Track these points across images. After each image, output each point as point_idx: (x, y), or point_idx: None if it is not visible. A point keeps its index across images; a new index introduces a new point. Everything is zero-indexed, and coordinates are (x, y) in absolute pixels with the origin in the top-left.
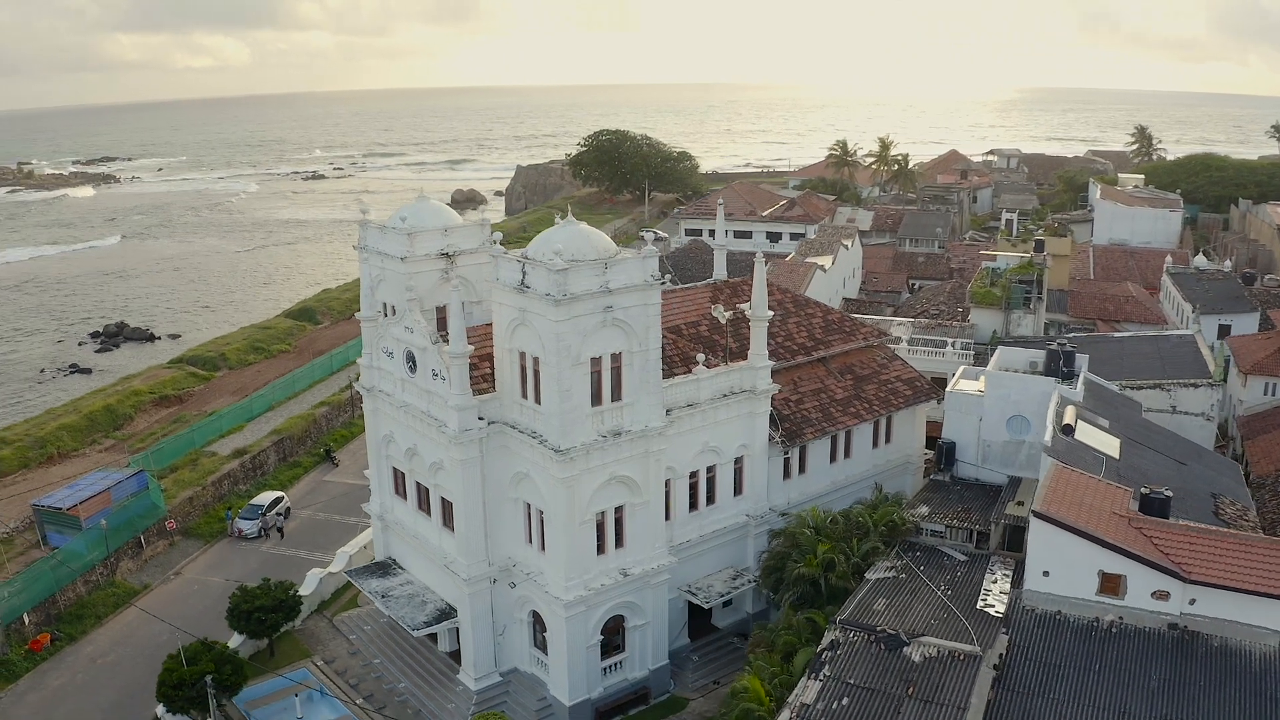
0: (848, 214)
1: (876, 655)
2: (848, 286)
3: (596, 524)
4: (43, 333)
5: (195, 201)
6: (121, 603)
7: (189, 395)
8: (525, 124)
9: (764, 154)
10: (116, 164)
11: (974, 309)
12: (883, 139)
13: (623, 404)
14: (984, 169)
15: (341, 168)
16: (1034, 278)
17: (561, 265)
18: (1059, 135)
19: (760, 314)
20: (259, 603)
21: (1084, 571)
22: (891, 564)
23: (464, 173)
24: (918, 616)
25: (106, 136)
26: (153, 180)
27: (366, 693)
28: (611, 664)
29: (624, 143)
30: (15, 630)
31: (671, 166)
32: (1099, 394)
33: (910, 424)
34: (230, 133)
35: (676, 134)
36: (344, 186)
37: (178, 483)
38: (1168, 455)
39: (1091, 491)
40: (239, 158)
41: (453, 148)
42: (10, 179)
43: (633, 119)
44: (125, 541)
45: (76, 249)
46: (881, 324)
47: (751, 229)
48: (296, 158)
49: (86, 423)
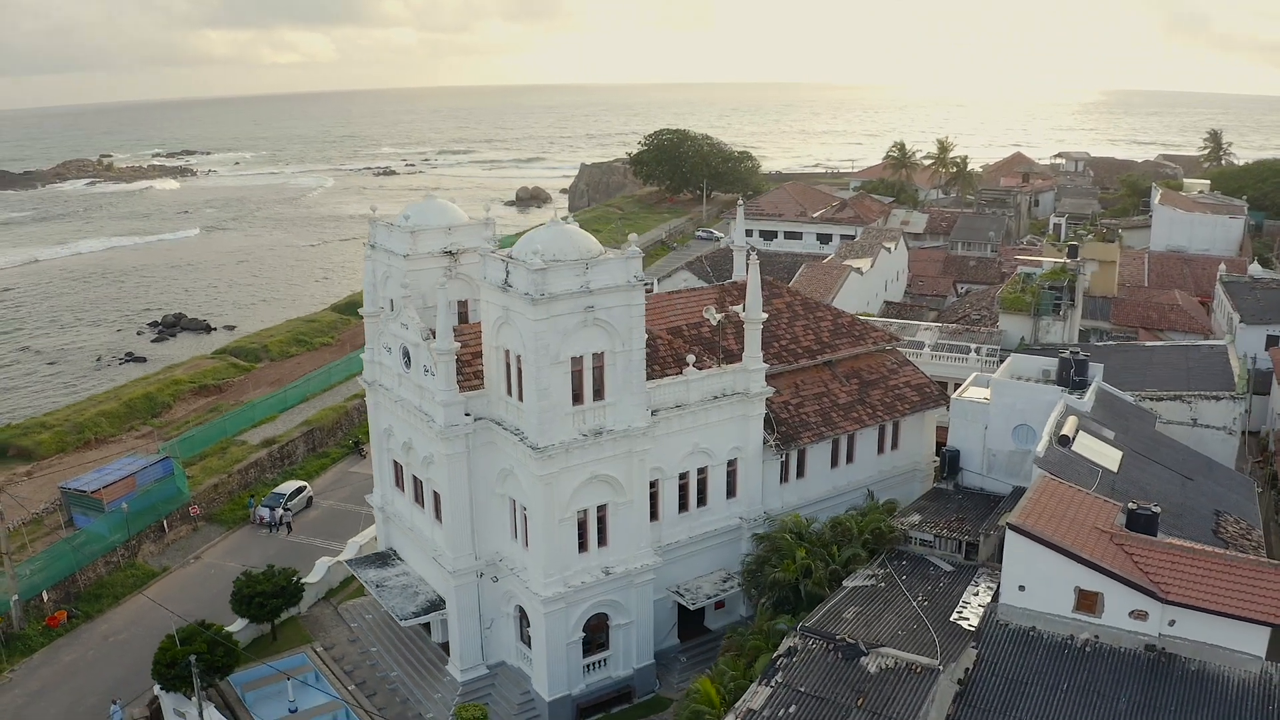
0: (902, 216)
1: (832, 664)
2: (890, 290)
3: (578, 522)
4: (106, 322)
5: (271, 196)
6: (140, 584)
7: (228, 385)
8: (601, 122)
9: (837, 154)
10: (195, 158)
11: (1002, 315)
12: (942, 140)
13: (605, 404)
14: (1049, 172)
15: (414, 164)
16: (1064, 284)
17: (539, 265)
18: (1139, 139)
19: (754, 316)
20: (260, 588)
21: (1060, 587)
22: (873, 572)
23: (534, 170)
24: (885, 627)
25: (188, 130)
26: (229, 174)
27: (360, 679)
28: (594, 661)
29: (684, 142)
30: (34, 607)
31: (732, 166)
32: (1110, 404)
33: (919, 431)
34: (308, 128)
35: (749, 134)
36: (414, 183)
37: (205, 470)
38: (1174, 470)
39: (1077, 505)
40: (314, 153)
41: (525, 145)
42: (90, 171)
43: (708, 118)
44: (148, 525)
45: (150, 240)
46: (909, 329)
47: (802, 230)
48: (370, 153)
49: (125, 410)
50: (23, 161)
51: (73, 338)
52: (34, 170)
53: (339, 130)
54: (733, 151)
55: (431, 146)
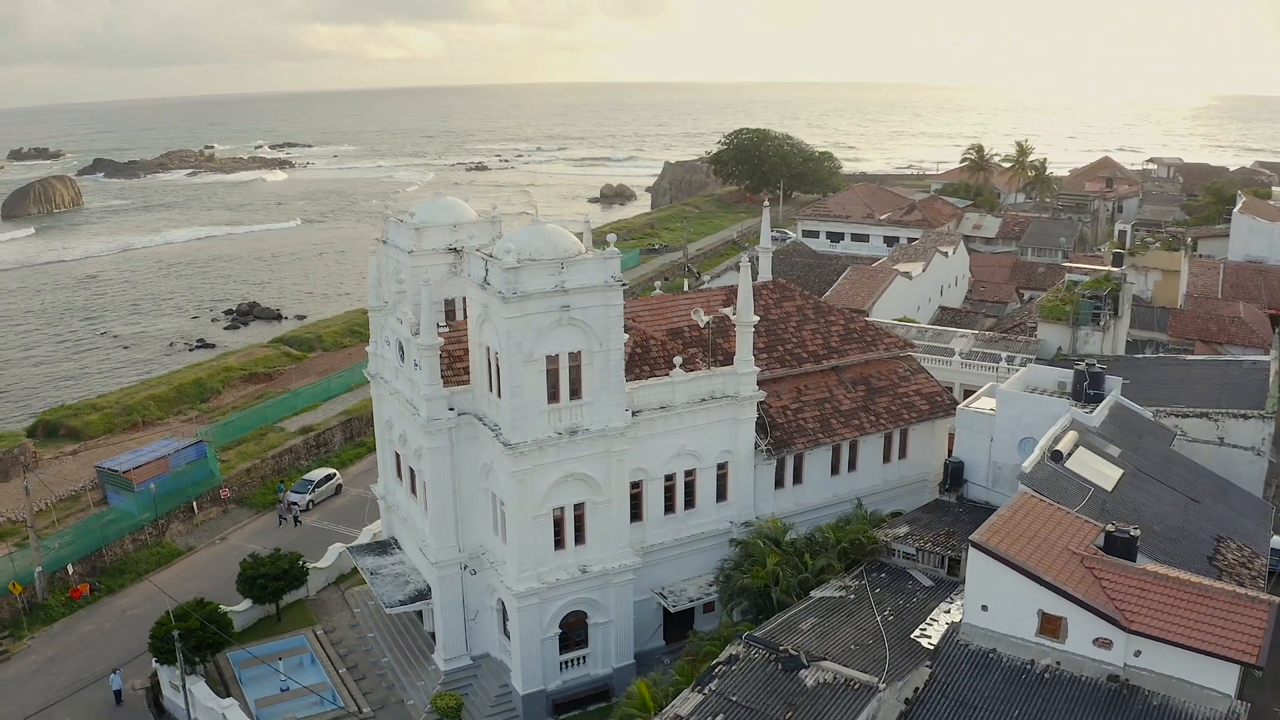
0: (974, 220)
1: (770, 675)
2: (947, 295)
3: (555, 519)
4: (184, 309)
5: (369, 189)
6: (164, 562)
7: (278, 374)
8: (698, 120)
9: (932, 156)
10: (296, 150)
11: (1041, 323)
12: (1020, 143)
13: (582, 403)
14: (1136, 178)
15: (507, 160)
16: (1105, 293)
17: (512, 263)
18: (1249, 145)
19: (745, 319)
20: (264, 570)
21: (1024, 609)
22: (846, 584)
23: (624, 168)
24: (839, 640)
25: (293, 123)
26: (327, 167)
27: (352, 663)
28: (572, 658)
29: (764, 141)
30: (59, 579)
31: (813, 166)
32: (1124, 420)
33: (929, 440)
34: (408, 123)
35: (846, 133)
36: (502, 178)
37: (240, 454)
38: (1180, 491)
39: (1053, 524)
40: (411, 147)
41: (619, 142)
42: (192, 161)
43: (810, 117)
44: (177, 506)
45: (246, 231)
46: (944, 335)
47: (869, 232)
48: (465, 148)
49: (175, 394)
50: (129, 151)
51: (150, 323)
52: (138, 160)
53: (439, 125)
54: (813, 151)
55: (527, 142)
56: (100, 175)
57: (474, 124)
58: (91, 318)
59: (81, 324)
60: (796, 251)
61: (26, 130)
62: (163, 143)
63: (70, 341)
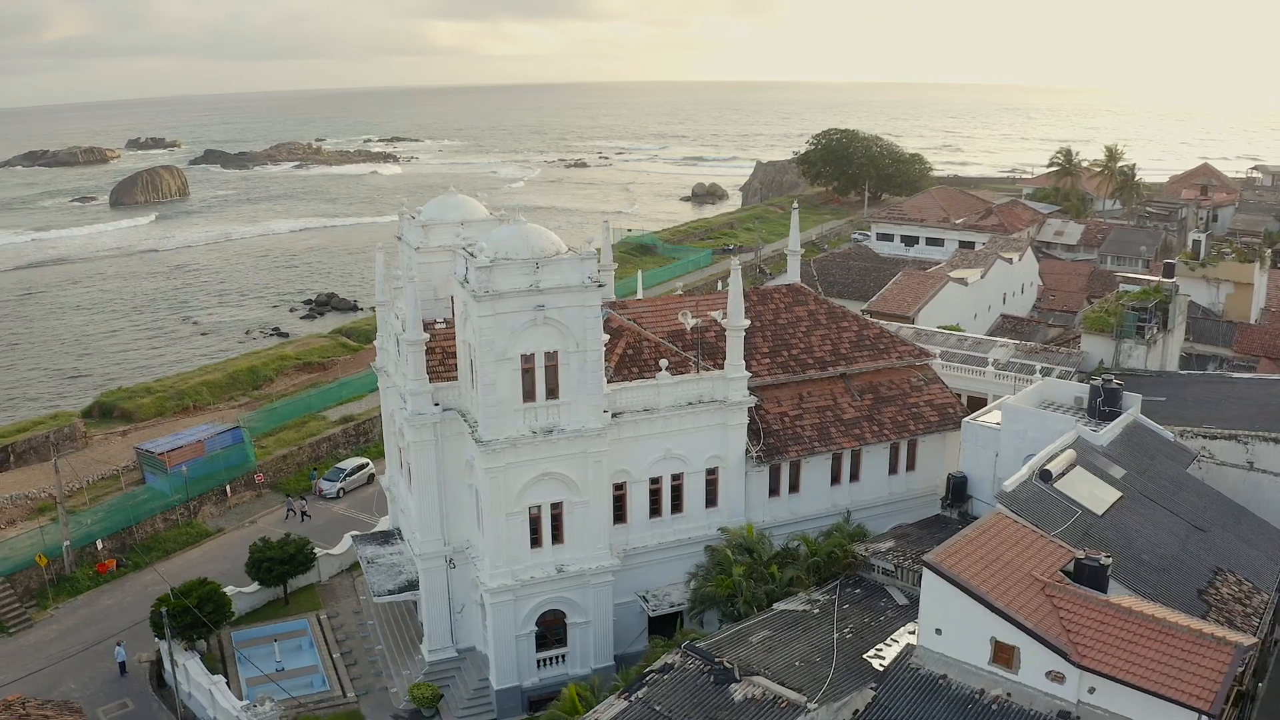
0: (1056, 226)
1: (700, 687)
2: (1013, 302)
3: (532, 518)
4: (267, 298)
5: (474, 185)
6: (193, 542)
7: (332, 363)
8: (806, 120)
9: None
10: (404, 145)
11: (1085, 335)
12: (1110, 147)
13: (559, 403)
14: (1235, 185)
15: (607, 157)
16: (1152, 305)
17: (484, 262)
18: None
19: (735, 323)
20: (271, 555)
21: (977, 636)
22: (814, 597)
23: (720, 168)
24: (785, 655)
25: (403, 118)
26: (430, 161)
27: (347, 649)
28: (550, 657)
29: (853, 142)
30: (89, 553)
31: (902, 168)
32: (1138, 440)
33: (939, 453)
34: (516, 118)
35: (948, 135)
36: (598, 176)
37: (279, 441)
38: (1184, 518)
39: (1021, 548)
40: (515, 143)
41: (721, 141)
42: (300, 154)
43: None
44: (210, 489)
45: (337, 224)
46: (983, 345)
47: (944, 236)
48: (566, 145)
49: (229, 380)
50: (240, 143)
51: (232, 312)
52: (247, 152)
53: (547, 121)
54: (903, 153)
55: (630, 140)
56: (210, 166)
57: (581, 121)
58: (178, 305)
59: (168, 311)
60: (856, 255)
61: (151, 120)
62: (274, 135)
63: (153, 328)
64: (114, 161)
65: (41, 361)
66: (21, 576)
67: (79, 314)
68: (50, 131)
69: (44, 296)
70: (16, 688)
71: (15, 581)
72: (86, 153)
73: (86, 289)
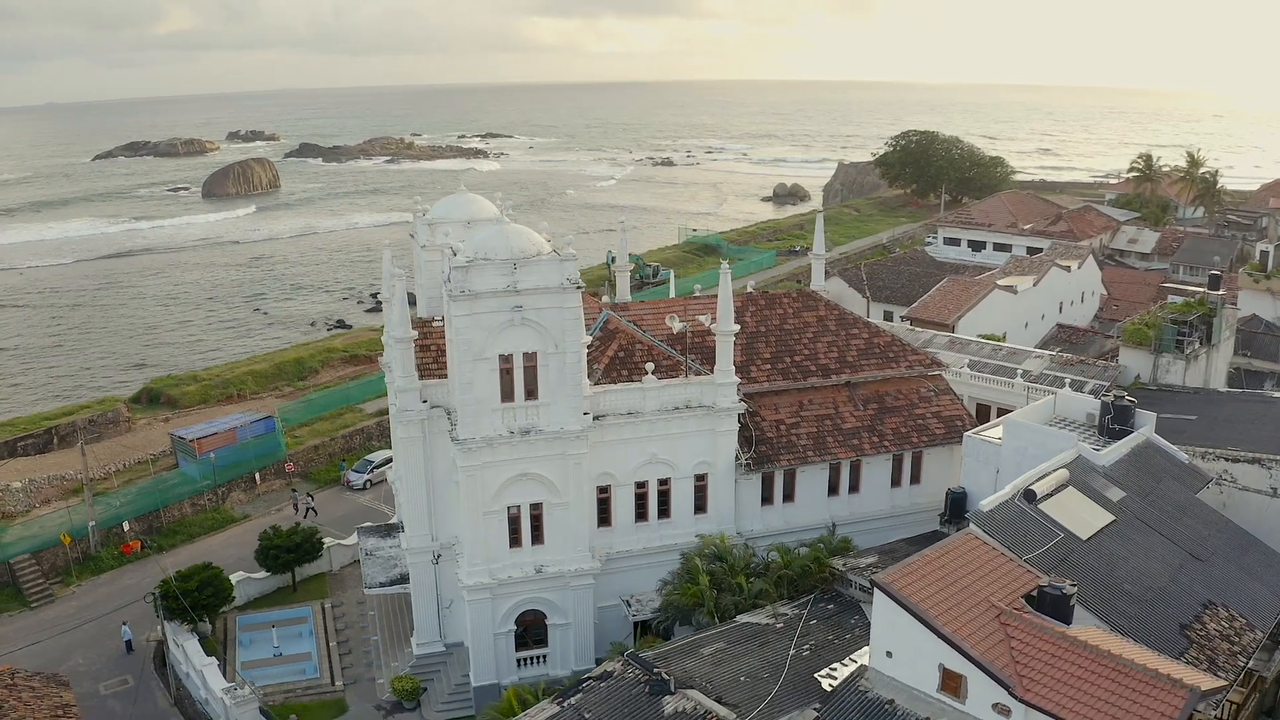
0: (1130, 234)
1: (633, 697)
2: (1070, 311)
3: (511, 517)
4: (338, 290)
5: (563, 182)
6: (218, 527)
7: (378, 356)
8: (902, 120)
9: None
10: (496, 141)
11: (1123, 348)
12: (1192, 153)
13: (538, 403)
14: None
15: (694, 156)
16: (1194, 318)
17: (461, 262)
18: None
19: (724, 328)
20: (278, 543)
21: (926, 661)
22: (782, 611)
23: (807, 168)
24: (731, 670)
25: (499, 114)
26: (521, 158)
27: (344, 638)
28: (531, 657)
29: (932, 144)
30: (115, 534)
31: (982, 172)
32: (1146, 460)
33: (947, 467)
34: (612, 116)
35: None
36: (682, 175)
37: (314, 432)
38: (1181, 546)
39: (985, 571)
40: (605, 141)
41: (813, 140)
42: (393, 149)
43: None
44: (239, 476)
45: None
46: (1017, 355)
47: (1011, 242)
48: (654, 144)
49: (274, 371)
50: (336, 137)
51: (301, 304)
52: (341, 145)
53: (643, 119)
54: (984, 156)
55: (721, 139)
56: (303, 159)
57: (676, 119)
58: (252, 296)
59: (241, 302)
60: (909, 259)
61: (254, 113)
62: (370, 129)
63: (224, 318)
64: (212, 153)
65: (112, 348)
66: (48, 554)
67: (155, 303)
68: (155, 123)
69: (124, 285)
70: (26, 655)
71: (42, 558)
72: (186, 144)
73: (166, 279)
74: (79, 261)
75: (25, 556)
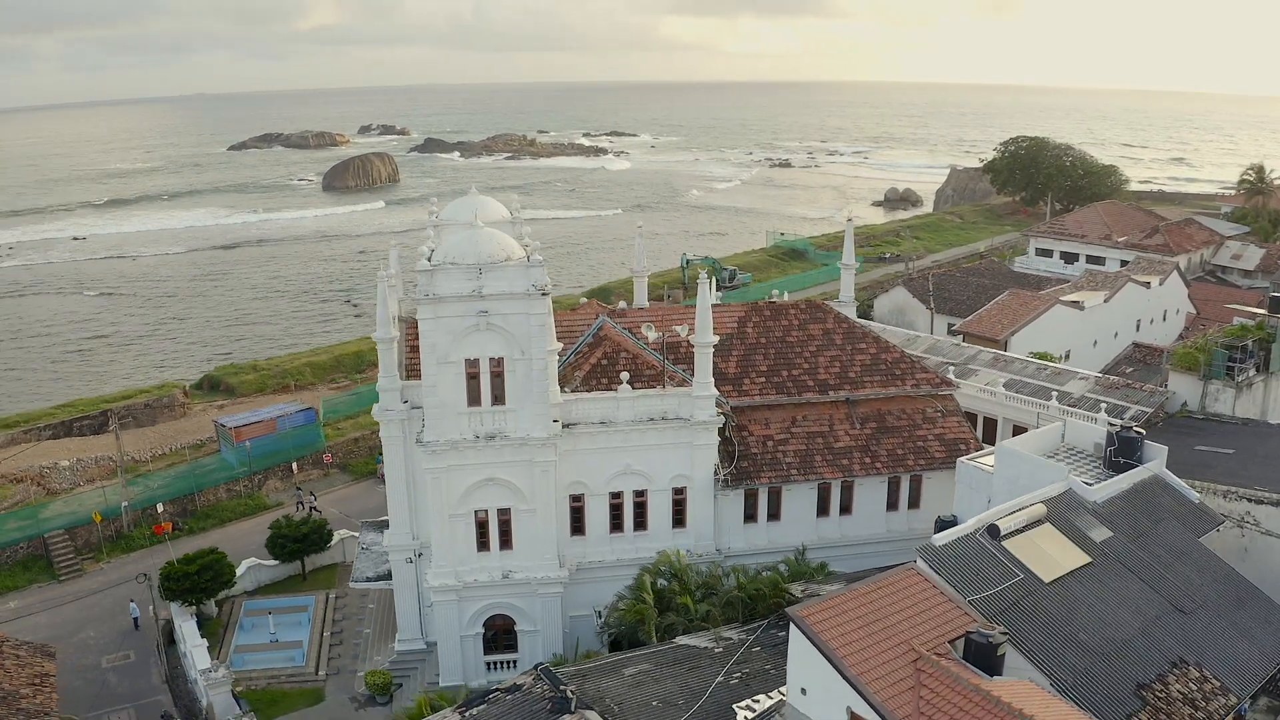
0: (1234, 249)
1: (535, 713)
2: (1150, 330)
3: (478, 521)
4: None
5: (684, 182)
6: (249, 513)
7: None
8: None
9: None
10: (621, 139)
11: (1173, 373)
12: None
13: (505, 409)
14: None
15: (814, 157)
16: (1249, 342)
17: (426, 266)
18: None
19: (702, 339)
20: (287, 532)
21: (835, 703)
22: (726, 635)
23: (924, 172)
24: (648, 694)
25: (627, 113)
26: (642, 157)
27: (338, 629)
28: (501, 661)
29: (1041, 151)
30: (149, 515)
31: (1093, 180)
32: (1148, 498)
33: (949, 491)
34: (741, 116)
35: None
36: (797, 177)
37: (357, 424)
38: (1164, 595)
39: (916, 611)
40: (728, 140)
41: (936, 143)
42: (515, 146)
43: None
44: (276, 465)
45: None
46: (1062, 376)
47: (1105, 255)
48: (775, 145)
49: (333, 363)
50: (462, 133)
51: None
52: (465, 141)
53: (773, 120)
54: (1096, 164)
55: (846, 141)
56: (426, 154)
57: (806, 119)
58: (346, 289)
59: (333, 294)
60: (980, 270)
61: (389, 107)
62: (497, 125)
63: (314, 310)
64: (342, 146)
65: (199, 335)
66: (82, 530)
67: (252, 294)
68: (293, 115)
69: (226, 275)
70: (38, 626)
71: (75, 535)
72: (318, 137)
73: (267, 270)
74: (191, 251)
75: (59, 532)
